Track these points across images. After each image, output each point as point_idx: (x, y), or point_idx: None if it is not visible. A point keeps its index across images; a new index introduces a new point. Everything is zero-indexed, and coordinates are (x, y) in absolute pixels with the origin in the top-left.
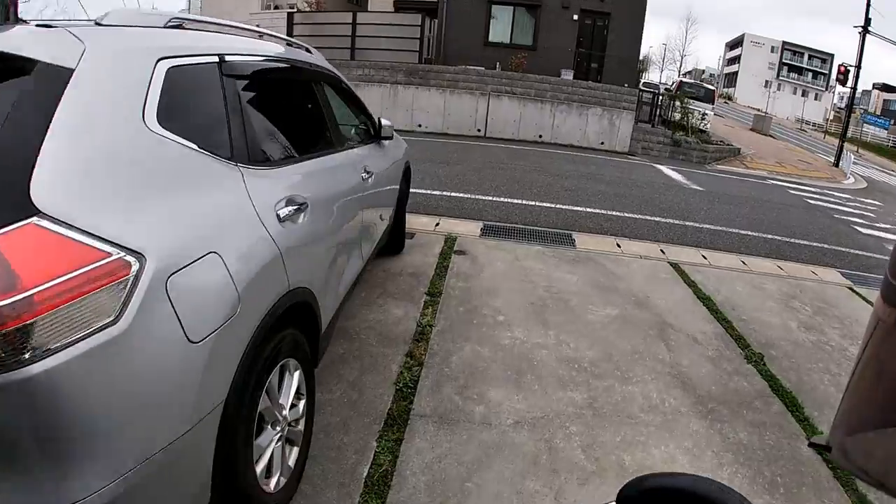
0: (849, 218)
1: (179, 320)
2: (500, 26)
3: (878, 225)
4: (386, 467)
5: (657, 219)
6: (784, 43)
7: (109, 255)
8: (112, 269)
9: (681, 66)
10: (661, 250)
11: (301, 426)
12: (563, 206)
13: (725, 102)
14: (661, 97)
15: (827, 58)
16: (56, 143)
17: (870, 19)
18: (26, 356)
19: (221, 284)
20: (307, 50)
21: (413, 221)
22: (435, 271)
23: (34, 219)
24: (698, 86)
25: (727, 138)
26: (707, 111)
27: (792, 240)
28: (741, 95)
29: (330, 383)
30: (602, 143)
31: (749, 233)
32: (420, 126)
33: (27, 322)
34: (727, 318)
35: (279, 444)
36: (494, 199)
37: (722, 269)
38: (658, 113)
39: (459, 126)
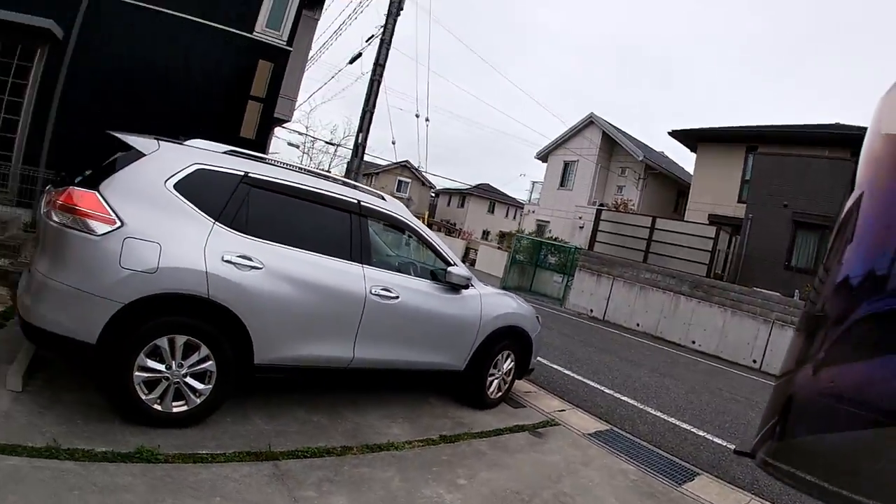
0: None
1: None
2: (805, 251)
3: None
4: None
5: None
6: None
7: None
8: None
9: None
10: None
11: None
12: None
13: None
14: None
15: None
16: (122, 173)
17: None
18: None
19: (151, 255)
20: (381, 197)
21: (543, 402)
22: (479, 437)
23: (95, 192)
24: None
25: None
26: None
27: None
28: None
29: None
30: None
31: None
32: (693, 343)
33: None
34: None
35: None
36: (662, 416)
37: None
38: None
39: (735, 352)
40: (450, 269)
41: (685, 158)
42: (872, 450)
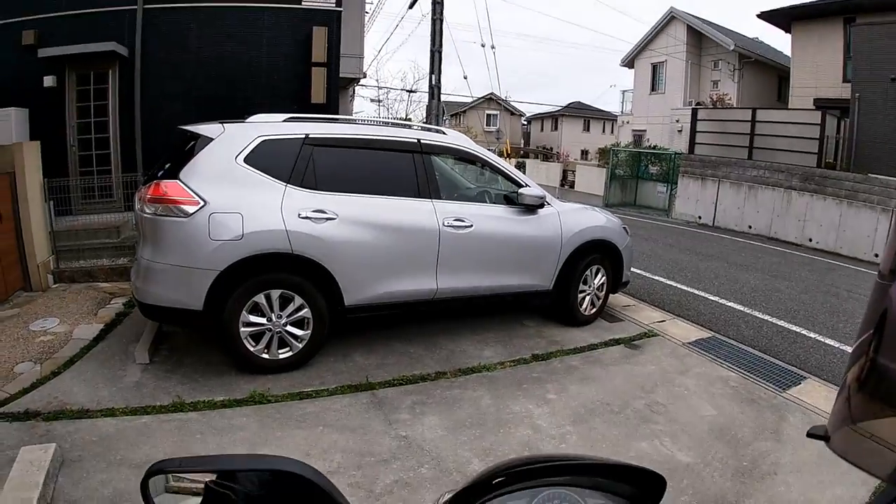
0: None
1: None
2: None
3: None
4: None
5: None
6: None
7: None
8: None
9: None
10: None
11: None
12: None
13: None
14: None
15: None
16: (196, 159)
17: None
18: None
19: (235, 224)
20: (441, 132)
21: (642, 314)
22: (572, 353)
23: (177, 180)
24: None
25: None
26: None
27: None
28: None
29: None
30: None
31: None
32: (810, 241)
33: None
34: None
35: None
36: (770, 319)
37: None
38: None
39: (854, 247)
40: (521, 190)
41: (783, 42)
42: None
